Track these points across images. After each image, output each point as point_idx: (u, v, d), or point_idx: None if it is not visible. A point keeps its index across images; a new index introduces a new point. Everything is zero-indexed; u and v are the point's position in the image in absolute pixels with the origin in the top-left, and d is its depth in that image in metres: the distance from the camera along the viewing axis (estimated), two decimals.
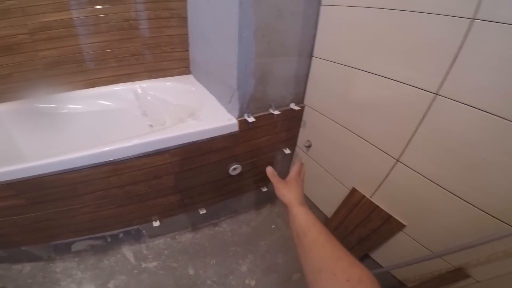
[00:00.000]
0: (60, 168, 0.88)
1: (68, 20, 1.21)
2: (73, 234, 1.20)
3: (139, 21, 1.30)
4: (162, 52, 1.37)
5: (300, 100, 1.12)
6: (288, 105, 1.10)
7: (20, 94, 1.27)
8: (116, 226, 1.24)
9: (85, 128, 1.29)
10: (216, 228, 1.45)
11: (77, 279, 1.22)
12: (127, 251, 1.33)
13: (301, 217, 0.48)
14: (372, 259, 1.06)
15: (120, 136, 0.92)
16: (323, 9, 0.93)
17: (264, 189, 1.40)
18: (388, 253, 0.99)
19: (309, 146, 1.18)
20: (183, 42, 1.40)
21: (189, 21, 1.35)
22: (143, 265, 1.28)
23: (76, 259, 1.30)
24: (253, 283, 1.20)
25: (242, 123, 1.02)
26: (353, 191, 1.00)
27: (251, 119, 1.01)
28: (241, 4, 0.79)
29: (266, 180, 1.38)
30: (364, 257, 1.09)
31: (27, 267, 1.26)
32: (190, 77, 1.43)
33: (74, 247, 1.30)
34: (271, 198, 1.56)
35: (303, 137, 1.23)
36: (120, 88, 1.32)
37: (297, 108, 1.10)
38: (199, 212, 1.30)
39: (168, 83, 1.36)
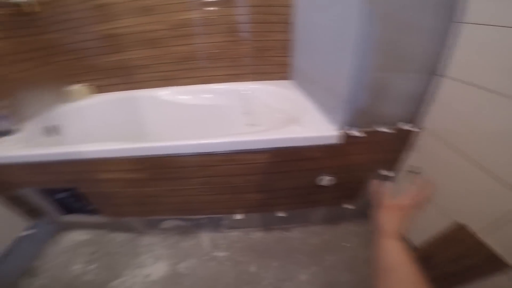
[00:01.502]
0: (182, 151, 1.02)
1: (196, 19, 1.38)
2: (168, 213, 1.37)
3: (250, 24, 1.40)
4: (267, 56, 1.45)
5: (413, 121, 1.03)
6: (399, 124, 1.03)
7: (153, 84, 1.53)
8: (205, 212, 1.36)
9: (193, 118, 1.47)
10: (287, 233, 1.45)
11: (155, 255, 1.37)
12: (205, 237, 1.45)
13: (396, 252, 0.44)
14: None
15: (221, 130, 1.02)
16: (462, 27, 0.83)
17: (348, 206, 1.34)
18: None
19: (416, 173, 1.08)
20: (286, 47, 1.45)
21: (296, 28, 1.38)
22: (214, 253, 1.37)
23: (162, 236, 1.46)
24: None
25: (344, 136, 1.00)
26: (459, 225, 0.88)
27: (354, 134, 0.98)
28: (362, 16, 0.77)
29: (353, 198, 1.32)
30: None
31: (120, 236, 1.48)
32: (290, 83, 1.47)
33: (163, 225, 1.46)
34: (353, 216, 1.48)
35: (408, 160, 1.12)
36: (228, 87, 1.46)
37: (409, 129, 1.01)
38: (277, 214, 1.33)
39: (270, 87, 1.44)
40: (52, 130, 1.37)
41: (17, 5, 1.28)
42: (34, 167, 1.11)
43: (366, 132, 1.00)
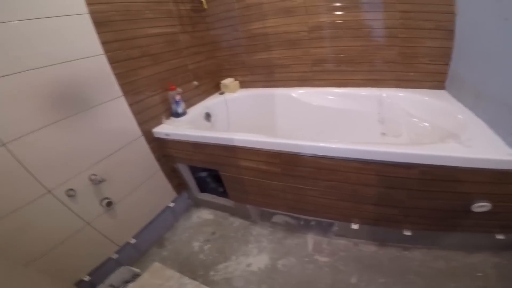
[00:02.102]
0: (317, 152, 1.07)
1: (334, 22, 1.39)
2: (282, 208, 1.43)
3: (400, 29, 1.31)
4: (417, 63, 1.33)
5: None
6: None
7: (289, 83, 1.64)
8: (319, 214, 1.37)
9: (323, 120, 1.50)
10: (406, 252, 1.32)
11: (260, 247, 1.44)
12: (310, 239, 1.45)
13: None
14: None
15: (354, 135, 0.99)
16: None
17: (500, 237, 1.12)
18: None
19: None
20: (444, 55, 1.29)
21: (457, 35, 1.23)
22: (316, 256, 1.35)
23: (271, 229, 1.53)
24: None
25: None
26: None
27: None
28: None
29: (509, 228, 1.10)
30: None
31: (237, 222, 1.61)
32: (443, 93, 1.31)
33: (275, 219, 1.55)
34: (498, 247, 1.23)
35: None
36: (366, 92, 1.41)
37: None
38: (402, 232, 1.22)
39: (418, 96, 1.31)
40: (208, 117, 1.66)
41: (199, 1, 1.52)
42: (194, 146, 1.37)
43: None
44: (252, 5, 1.56)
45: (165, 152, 1.50)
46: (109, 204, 1.20)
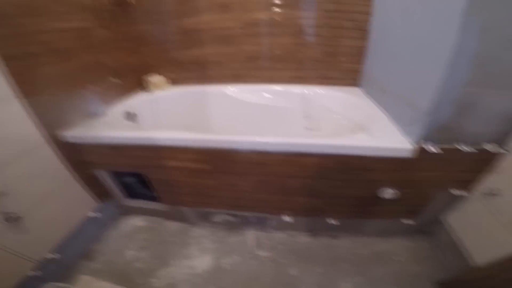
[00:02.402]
0: (245, 147, 1.06)
1: (269, 19, 1.41)
2: (220, 206, 1.41)
3: (324, 28, 1.39)
4: (337, 61, 1.43)
5: (500, 142, 0.94)
6: (483, 144, 0.94)
7: (222, 79, 1.60)
8: (255, 209, 1.38)
9: (254, 117, 1.51)
10: (335, 240, 1.42)
11: (202, 248, 1.41)
12: (251, 235, 1.47)
13: None
14: None
15: (281, 130, 1.02)
16: None
17: (407, 222, 1.27)
18: None
19: (493, 195, 0.98)
20: (359, 54, 1.42)
21: (371, 35, 1.35)
22: (258, 252, 1.38)
23: (211, 229, 1.51)
24: None
25: (420, 151, 0.94)
26: None
27: (432, 150, 0.92)
28: (464, 31, 0.73)
29: (414, 214, 1.25)
30: None
31: (174, 225, 1.55)
32: (357, 90, 1.44)
33: (215, 218, 1.51)
34: (408, 231, 1.40)
35: (487, 183, 1.03)
36: (292, 89, 1.47)
37: (495, 150, 0.92)
38: (328, 222, 1.30)
39: (336, 93, 1.42)
40: (131, 116, 1.51)
41: None
42: (113, 149, 1.24)
43: (443, 149, 0.93)
44: (184, 0, 1.49)
45: (80, 157, 1.32)
46: (12, 219, 1.02)
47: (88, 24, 1.31)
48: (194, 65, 1.68)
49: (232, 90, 1.59)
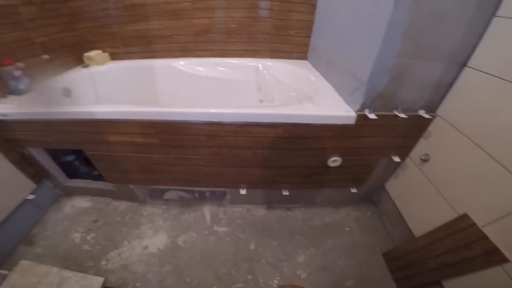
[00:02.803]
0: (195, 118, 1.02)
1: None
2: (172, 183, 1.36)
3: (274, 2, 1.38)
4: (287, 35, 1.44)
5: (431, 109, 1.02)
6: (417, 111, 1.01)
7: (170, 54, 1.52)
8: (210, 184, 1.36)
9: (207, 90, 1.47)
10: (289, 212, 1.48)
11: (155, 227, 1.37)
12: (207, 211, 1.46)
13: None
14: None
15: (234, 103, 1.01)
16: (498, 21, 0.81)
17: (353, 190, 1.35)
18: (469, 286, 0.87)
19: (425, 160, 1.07)
20: (307, 28, 1.44)
21: (317, 9, 1.37)
22: (215, 227, 1.38)
23: (164, 207, 1.47)
24: (304, 275, 1.19)
25: (360, 118, 0.99)
26: (464, 216, 0.88)
27: (371, 116, 0.97)
28: (397, 3, 0.76)
29: (359, 182, 1.33)
30: (433, 284, 0.99)
31: (123, 205, 1.49)
32: (306, 63, 1.47)
33: (167, 195, 1.48)
34: (355, 201, 1.50)
35: (421, 148, 1.12)
36: (245, 62, 1.45)
37: (426, 116, 1.00)
38: (282, 193, 1.34)
39: (286, 65, 1.43)
40: (66, 93, 1.38)
41: None
42: (46, 125, 1.12)
43: (381, 116, 0.99)
44: None
45: (7, 136, 1.18)
46: None
47: (11, 2, 1.20)
48: (138, 40, 1.57)
49: (182, 63, 1.51)
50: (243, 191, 1.33)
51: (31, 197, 1.33)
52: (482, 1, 0.78)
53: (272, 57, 1.50)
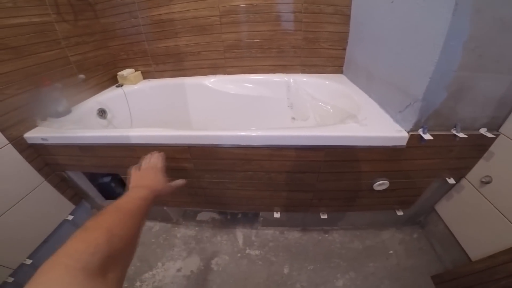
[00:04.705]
0: (229, 142, 0.97)
1: (247, 6, 1.33)
2: (205, 205, 1.34)
3: (303, 13, 1.32)
4: (319, 48, 1.37)
5: (494, 127, 0.90)
6: (478, 129, 0.90)
7: (200, 71, 1.51)
8: (243, 207, 1.32)
9: (237, 108, 1.43)
10: (326, 235, 1.38)
11: (189, 248, 1.35)
12: (239, 233, 1.42)
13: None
14: None
15: (265, 121, 0.95)
16: None
17: (400, 213, 1.23)
18: None
19: (487, 182, 0.95)
20: (342, 40, 1.36)
21: (352, 19, 1.29)
22: (247, 250, 1.33)
23: (197, 228, 1.44)
24: None
25: (413, 138, 0.89)
26: None
27: (427, 137, 0.86)
28: (456, 11, 0.67)
29: (406, 204, 1.22)
30: None
31: (157, 226, 1.48)
32: (342, 77, 1.38)
33: (199, 217, 1.45)
34: (399, 222, 1.38)
35: (480, 169, 0.99)
36: (276, 78, 1.40)
37: (489, 135, 0.88)
38: (319, 216, 1.25)
39: (320, 80, 1.35)
40: (102, 114, 1.40)
41: None
42: (82, 149, 1.13)
43: (436, 136, 0.88)
44: None
45: (48, 160, 1.21)
46: None
47: (47, 19, 1.24)
48: (169, 57, 1.58)
49: (212, 81, 1.49)
50: (277, 215, 1.26)
51: (70, 217, 1.37)
52: None
53: (303, 71, 1.44)
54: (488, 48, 0.74)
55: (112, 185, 1.44)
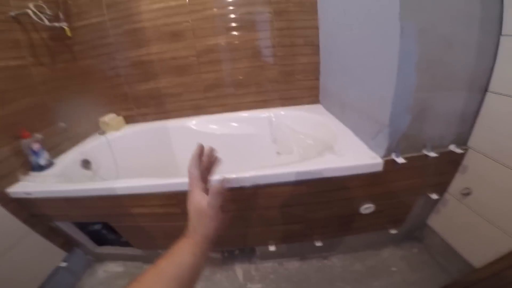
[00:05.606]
0: None
1: (223, 44, 1.37)
2: None
3: (278, 48, 1.38)
4: (295, 80, 1.42)
5: (462, 142, 0.94)
6: (447, 146, 0.94)
7: (183, 113, 1.54)
8: (238, 244, 1.32)
9: (222, 148, 1.44)
10: (325, 261, 1.36)
11: None
12: (238, 269, 1.39)
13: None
14: None
15: (251, 160, 0.97)
16: (505, 40, 0.77)
17: (393, 231, 1.24)
18: None
19: (467, 194, 0.97)
20: (315, 70, 1.42)
21: (321, 49, 1.35)
22: (248, 285, 1.30)
23: None
24: None
25: (388, 163, 0.92)
26: None
27: (400, 160, 0.90)
28: (403, 34, 0.73)
29: (397, 222, 1.23)
30: None
31: None
32: (319, 107, 1.43)
33: None
34: (396, 240, 1.38)
35: (459, 183, 1.02)
36: (258, 114, 1.44)
37: (458, 151, 0.92)
38: (314, 244, 1.25)
39: (299, 112, 1.40)
40: (86, 165, 1.39)
41: (55, 28, 1.23)
42: (68, 202, 1.12)
43: (410, 158, 0.92)
44: (132, 31, 1.41)
45: (33, 211, 1.19)
46: None
47: (23, 62, 1.17)
48: (150, 99, 1.58)
49: (194, 123, 1.53)
50: (272, 247, 1.25)
51: (64, 264, 1.31)
52: (484, 20, 0.75)
53: (283, 105, 1.48)
54: (438, 67, 0.80)
55: (103, 232, 1.42)
